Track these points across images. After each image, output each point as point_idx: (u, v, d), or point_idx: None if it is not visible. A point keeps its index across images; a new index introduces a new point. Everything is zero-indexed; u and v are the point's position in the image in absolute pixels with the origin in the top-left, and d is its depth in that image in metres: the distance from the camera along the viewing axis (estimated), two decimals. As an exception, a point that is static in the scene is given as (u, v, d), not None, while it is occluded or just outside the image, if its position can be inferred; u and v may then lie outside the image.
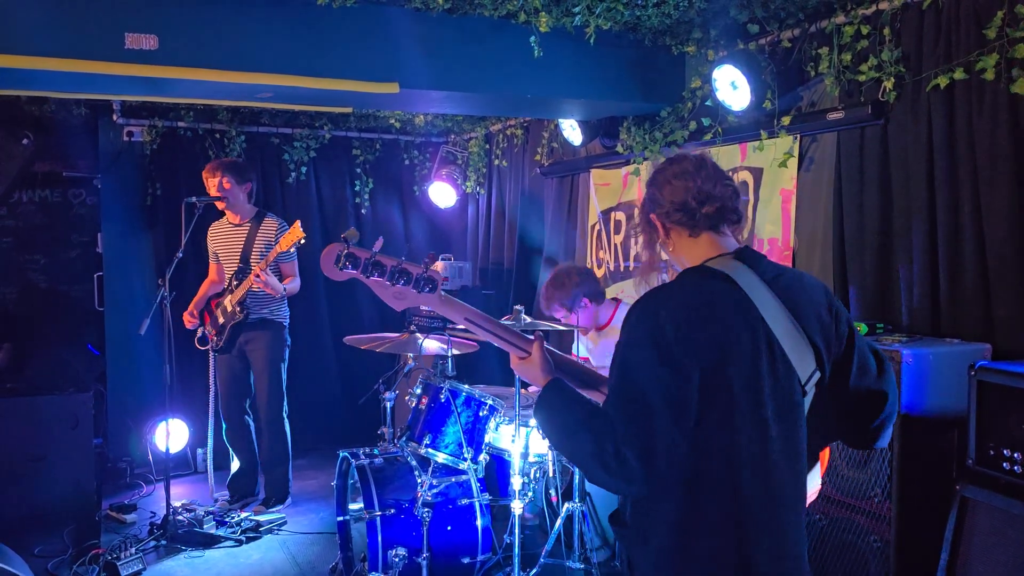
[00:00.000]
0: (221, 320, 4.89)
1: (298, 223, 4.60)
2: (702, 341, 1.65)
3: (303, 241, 4.58)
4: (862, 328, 3.13)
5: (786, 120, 3.85)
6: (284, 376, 4.99)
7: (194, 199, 4.72)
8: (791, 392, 1.74)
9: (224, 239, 4.99)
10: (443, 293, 1.90)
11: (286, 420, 5.01)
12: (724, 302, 1.71)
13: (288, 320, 5.01)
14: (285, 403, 5.00)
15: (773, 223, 4.06)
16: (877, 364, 1.89)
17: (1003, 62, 2.97)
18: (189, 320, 5.01)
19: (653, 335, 1.65)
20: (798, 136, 3.90)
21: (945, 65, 3.19)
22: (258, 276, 4.61)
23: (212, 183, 4.84)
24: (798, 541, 1.77)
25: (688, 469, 1.65)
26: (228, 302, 4.84)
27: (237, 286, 4.79)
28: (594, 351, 4.25)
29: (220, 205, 4.88)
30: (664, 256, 1.93)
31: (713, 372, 1.64)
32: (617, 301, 4.28)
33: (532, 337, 1.95)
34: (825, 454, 2.05)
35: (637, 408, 1.62)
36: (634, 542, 1.77)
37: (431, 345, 4.10)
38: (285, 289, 4.81)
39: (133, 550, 4.13)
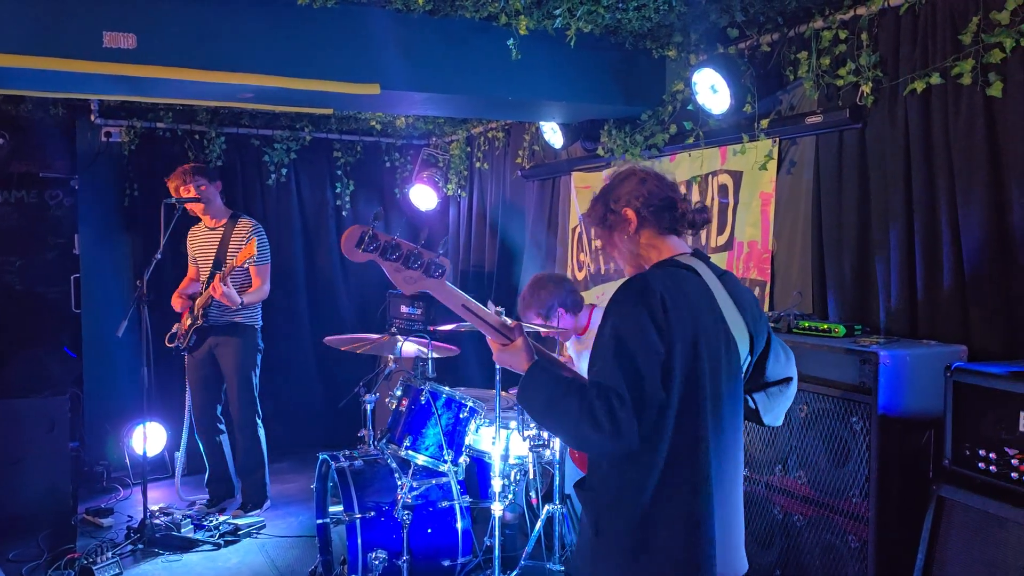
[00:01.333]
0: (188, 321, 4.86)
1: (254, 241, 4.57)
2: (683, 319, 1.84)
3: (257, 256, 4.57)
4: (840, 330, 3.15)
5: (765, 123, 3.87)
6: (256, 381, 4.95)
7: (173, 200, 4.70)
8: (738, 372, 1.99)
9: (200, 243, 4.97)
10: (446, 282, 1.99)
11: (260, 425, 4.97)
12: (692, 289, 1.92)
13: (260, 323, 4.97)
14: (258, 407, 4.96)
15: (752, 226, 4.09)
16: (784, 353, 2.18)
17: (979, 67, 3.01)
18: (178, 302, 4.96)
19: (647, 307, 1.82)
20: (777, 139, 3.92)
21: (922, 70, 3.23)
22: (213, 287, 4.58)
23: (184, 192, 4.81)
24: (739, 510, 2.02)
25: (664, 437, 1.83)
26: (196, 305, 4.82)
27: (205, 290, 4.78)
28: (576, 355, 4.25)
29: (198, 208, 4.85)
30: (612, 249, 2.09)
31: (690, 347, 1.84)
32: (592, 307, 4.29)
33: (512, 325, 2.05)
34: None
35: (629, 368, 1.78)
36: (604, 506, 1.93)
37: (411, 347, 4.09)
38: (243, 302, 4.71)
39: (109, 554, 4.09)
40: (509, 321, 2.06)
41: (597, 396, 1.78)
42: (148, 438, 4.87)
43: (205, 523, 4.60)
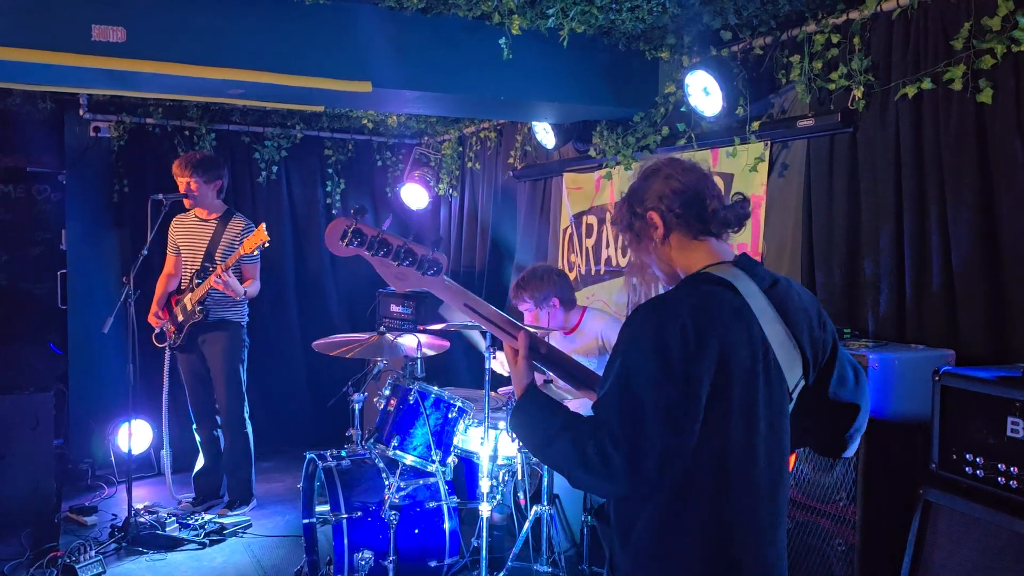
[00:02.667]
0: (180, 318, 4.82)
1: (263, 226, 4.53)
2: (706, 353, 1.61)
3: (267, 244, 4.53)
4: (829, 333, 3.16)
5: (756, 126, 3.88)
6: (243, 377, 4.92)
7: (160, 196, 4.65)
8: (781, 399, 1.74)
9: (189, 233, 4.91)
10: (445, 278, 1.87)
11: (247, 421, 4.94)
12: (725, 310, 1.67)
13: (247, 320, 4.94)
14: (246, 404, 4.92)
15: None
16: (855, 376, 1.89)
17: (970, 73, 3.02)
18: (155, 321, 4.93)
19: (657, 346, 1.60)
20: (769, 142, 3.93)
21: (913, 75, 3.24)
22: (219, 277, 4.54)
23: (180, 182, 4.77)
24: (782, 547, 1.79)
25: (679, 474, 1.64)
26: (188, 300, 4.77)
27: (198, 285, 4.72)
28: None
29: (187, 203, 4.81)
30: (650, 258, 1.85)
31: (714, 382, 1.62)
32: (584, 308, 4.28)
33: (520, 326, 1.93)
34: (792, 459, 2.06)
35: (631, 411, 1.59)
36: (616, 542, 1.76)
37: (404, 342, 4.07)
38: (246, 292, 4.73)
39: (93, 553, 4.05)
40: (516, 322, 1.94)
41: (591, 435, 1.60)
42: (133, 435, 4.83)
43: (190, 522, 4.57)
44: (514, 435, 1.87)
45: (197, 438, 5.02)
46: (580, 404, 4.17)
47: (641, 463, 1.57)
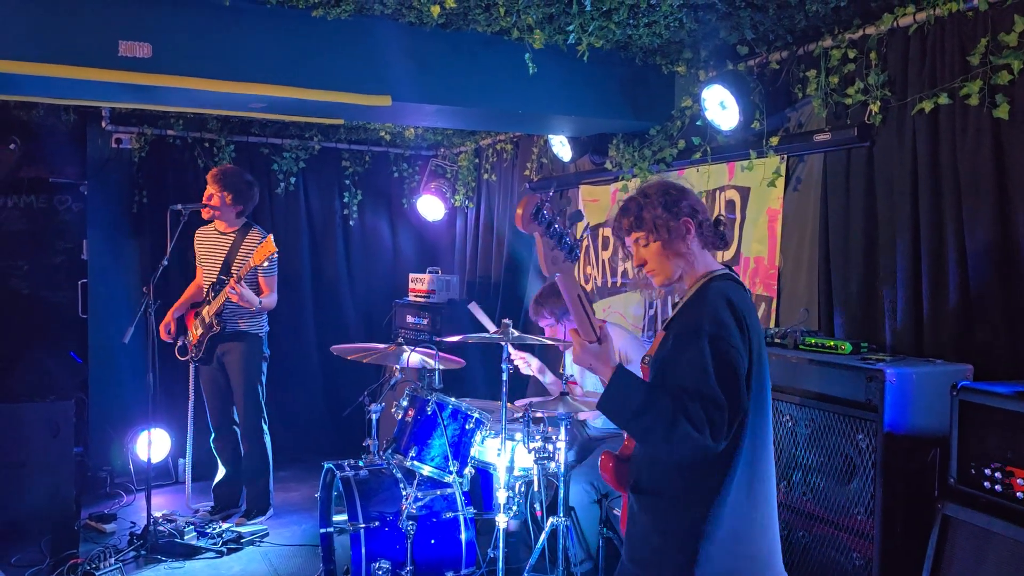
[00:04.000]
0: (200, 331, 4.86)
1: (271, 237, 4.58)
2: (752, 329, 2.01)
3: (276, 255, 4.58)
4: (847, 347, 3.16)
5: (774, 140, 3.89)
6: (262, 388, 4.94)
7: (179, 206, 4.70)
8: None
9: (208, 246, 4.97)
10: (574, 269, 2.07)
11: (265, 432, 4.97)
12: (750, 304, 2.10)
13: (266, 331, 4.97)
14: (264, 414, 4.95)
15: (759, 242, 4.10)
16: None
17: (987, 88, 3.03)
18: (165, 335, 4.97)
19: (735, 318, 1.97)
20: (785, 156, 3.94)
21: (930, 90, 3.25)
22: (233, 288, 4.59)
23: (208, 191, 4.83)
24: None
25: (739, 441, 1.98)
26: (206, 313, 4.82)
27: (215, 297, 4.77)
28: (580, 371, 4.25)
29: (206, 214, 4.87)
30: (669, 257, 2.15)
31: (758, 356, 2.02)
32: (603, 322, 4.29)
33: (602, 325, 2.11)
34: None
35: (729, 377, 1.92)
36: (669, 507, 2.04)
37: (417, 358, 4.10)
38: (261, 303, 4.75)
39: (112, 560, 4.09)
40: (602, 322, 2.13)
41: (690, 399, 1.89)
42: (152, 444, 4.87)
43: (208, 530, 4.60)
44: (604, 412, 2.04)
45: (214, 449, 5.06)
46: (596, 415, 4.19)
47: (735, 421, 1.92)
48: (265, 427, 4.96)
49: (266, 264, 4.67)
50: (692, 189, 2.23)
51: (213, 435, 5.04)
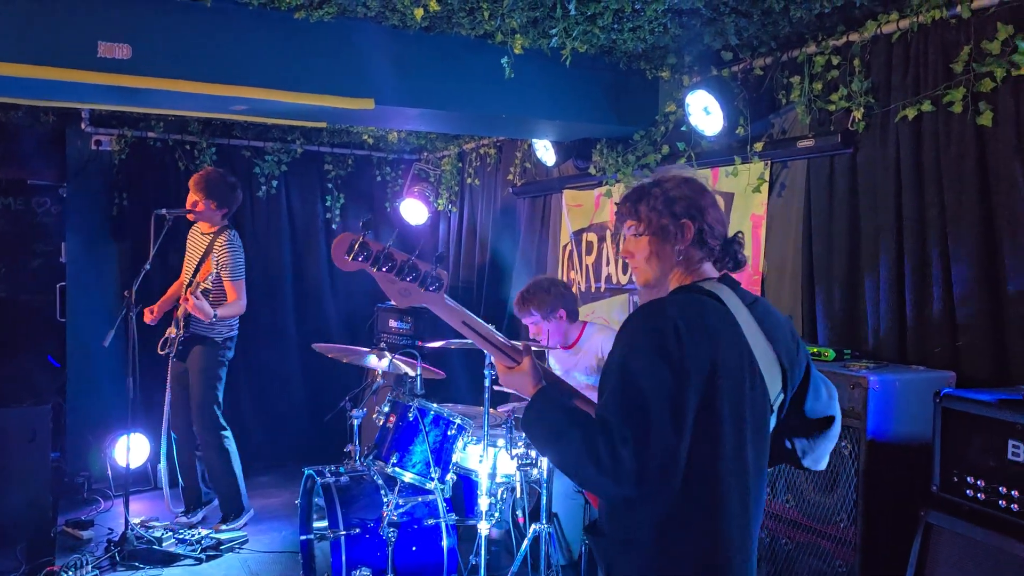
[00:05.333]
0: (174, 331, 4.83)
1: (227, 254, 4.60)
2: (700, 353, 1.69)
3: (232, 255, 4.61)
4: (830, 354, 3.16)
5: (758, 146, 3.90)
6: (218, 394, 4.88)
7: (164, 211, 4.65)
8: (764, 410, 1.82)
9: (191, 247, 4.96)
10: (446, 296, 1.89)
11: (223, 436, 4.87)
12: (714, 318, 1.77)
13: (229, 335, 4.89)
14: (219, 419, 4.87)
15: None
16: (827, 391, 2.01)
17: (970, 96, 3.04)
18: (148, 315, 4.94)
19: (659, 344, 1.68)
20: (769, 162, 3.95)
21: (913, 97, 3.26)
22: (186, 299, 4.55)
23: (191, 197, 4.79)
24: (754, 557, 1.86)
25: (674, 476, 1.68)
26: (179, 313, 4.79)
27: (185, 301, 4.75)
28: (563, 372, 4.24)
29: (190, 217, 4.83)
30: (654, 258, 1.92)
31: (706, 384, 1.69)
32: (584, 323, 4.28)
33: (521, 347, 1.96)
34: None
35: (637, 409, 1.64)
36: (615, 547, 1.81)
37: (399, 363, 4.08)
38: (215, 315, 4.61)
39: (89, 568, 4.04)
40: (517, 344, 1.98)
41: (601, 432, 1.64)
42: (131, 449, 4.81)
43: (187, 537, 4.55)
44: (524, 434, 1.89)
45: (175, 452, 5.00)
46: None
47: (647, 461, 1.62)
48: (223, 433, 4.88)
49: (230, 267, 4.62)
50: (712, 195, 1.97)
51: (167, 427, 4.99)
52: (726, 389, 1.72)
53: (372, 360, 4.15)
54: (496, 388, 3.51)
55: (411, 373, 3.95)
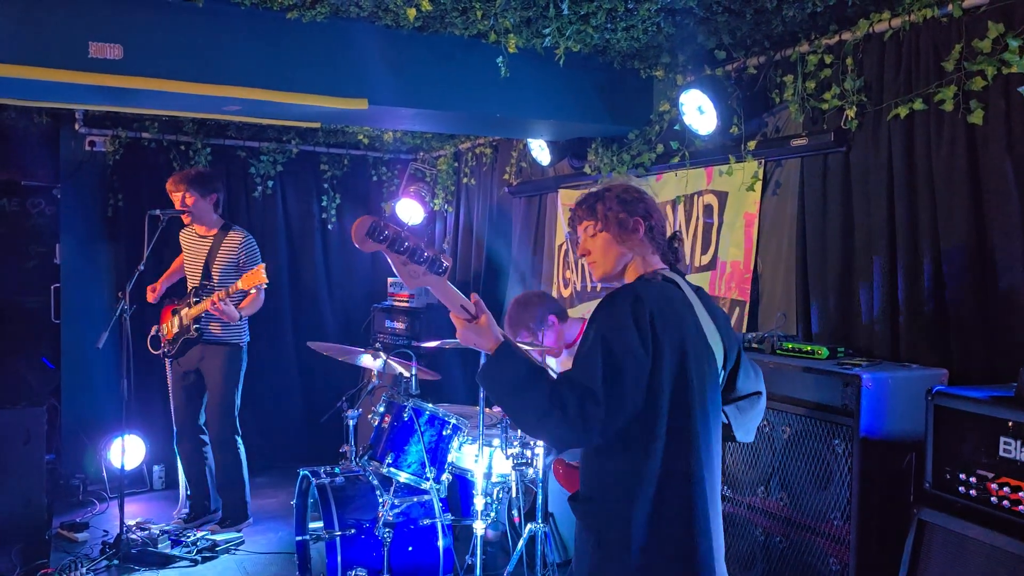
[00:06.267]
0: (176, 330, 4.80)
1: (262, 267, 4.54)
2: (671, 328, 1.94)
3: (265, 285, 4.55)
4: (823, 352, 3.17)
5: (752, 145, 3.90)
6: (237, 398, 4.90)
7: (158, 212, 4.64)
8: (716, 383, 2.09)
9: (190, 247, 4.94)
10: (448, 281, 2.03)
11: (238, 441, 4.90)
12: (678, 302, 2.03)
13: (246, 340, 4.93)
14: (237, 424, 4.90)
15: (736, 246, 4.11)
16: (754, 370, 2.28)
17: (961, 94, 3.05)
18: (151, 294, 4.94)
19: (635, 315, 1.91)
20: (763, 161, 3.95)
21: (905, 95, 3.27)
22: (214, 303, 4.55)
23: (175, 197, 4.78)
24: (720, 516, 2.09)
25: (657, 442, 1.92)
26: (185, 315, 4.76)
27: (196, 303, 4.72)
28: (557, 367, 4.24)
29: (186, 220, 4.82)
30: (612, 251, 2.15)
31: (678, 355, 1.94)
32: (583, 319, 4.28)
33: (473, 301, 2.07)
34: None
35: (609, 369, 1.86)
36: (605, 515, 1.99)
37: (393, 364, 4.07)
38: (241, 316, 4.71)
39: (84, 570, 4.03)
40: (474, 299, 2.09)
41: (569, 389, 1.85)
42: (126, 451, 4.81)
43: (183, 539, 4.54)
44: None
45: (177, 451, 4.99)
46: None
47: (615, 420, 1.87)
48: (238, 437, 4.90)
49: (251, 266, 4.65)
50: (651, 196, 2.24)
51: (176, 437, 4.97)
52: (693, 364, 1.96)
53: (367, 360, 4.15)
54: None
55: (406, 373, 3.95)
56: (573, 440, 1.91)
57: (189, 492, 5.04)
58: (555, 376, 1.94)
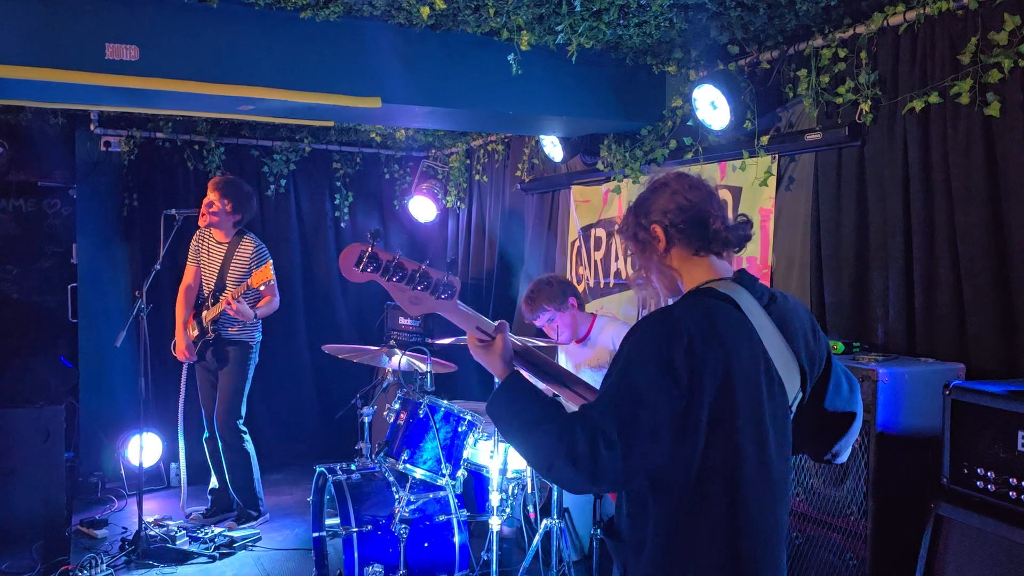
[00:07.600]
0: (196, 333, 4.86)
1: (270, 264, 4.59)
2: (710, 366, 1.63)
3: (272, 281, 4.59)
4: (838, 347, 3.16)
5: (765, 140, 3.89)
6: (244, 396, 4.94)
7: (173, 211, 4.69)
8: (784, 410, 1.77)
9: (206, 253, 4.98)
10: (459, 302, 1.87)
11: (243, 437, 4.93)
12: (727, 325, 1.69)
13: (258, 340, 4.97)
14: (241, 423, 4.93)
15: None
16: (848, 385, 1.94)
17: (977, 87, 3.03)
18: (184, 352, 4.93)
19: (662, 359, 1.62)
20: (777, 156, 3.94)
21: (920, 89, 3.25)
22: (230, 304, 4.59)
23: (211, 196, 4.82)
24: (783, 558, 1.80)
25: (689, 487, 1.65)
26: (204, 318, 4.83)
27: (214, 304, 4.78)
28: (573, 368, 4.24)
29: (202, 220, 4.85)
30: (649, 272, 1.87)
31: (719, 395, 1.63)
32: (594, 315, 4.29)
33: (496, 324, 1.92)
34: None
35: (630, 419, 1.59)
36: (631, 550, 1.76)
37: (410, 359, 4.09)
38: (257, 315, 4.78)
39: (104, 566, 4.07)
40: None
41: (584, 431, 1.59)
42: (144, 449, 4.85)
43: (200, 535, 4.58)
44: (491, 418, 1.82)
45: (206, 447, 5.04)
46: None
47: (630, 469, 1.60)
48: (243, 433, 4.93)
49: (260, 288, 4.68)
50: (684, 183, 1.86)
51: (206, 433, 5.03)
52: (742, 397, 1.66)
53: (385, 359, 4.16)
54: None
55: (422, 369, 3.97)
56: (581, 486, 1.63)
57: (211, 487, 5.08)
58: (569, 409, 1.70)
